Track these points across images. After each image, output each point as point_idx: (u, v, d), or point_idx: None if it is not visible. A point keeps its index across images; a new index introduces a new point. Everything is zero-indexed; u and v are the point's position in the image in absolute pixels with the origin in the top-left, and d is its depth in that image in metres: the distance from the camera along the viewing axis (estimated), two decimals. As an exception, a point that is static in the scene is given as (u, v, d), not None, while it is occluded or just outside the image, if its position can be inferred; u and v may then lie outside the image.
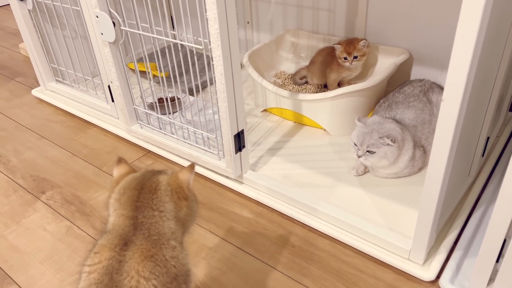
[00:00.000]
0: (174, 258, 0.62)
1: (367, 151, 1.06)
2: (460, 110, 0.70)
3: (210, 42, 0.95)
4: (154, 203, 0.64)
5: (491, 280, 0.82)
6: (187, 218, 0.67)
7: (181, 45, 1.08)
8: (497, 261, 0.79)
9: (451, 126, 0.72)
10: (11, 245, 1.07)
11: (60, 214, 1.15)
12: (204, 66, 1.06)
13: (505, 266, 0.78)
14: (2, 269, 1.01)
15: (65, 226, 1.11)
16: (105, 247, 0.61)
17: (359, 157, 1.08)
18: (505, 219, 0.73)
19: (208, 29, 0.94)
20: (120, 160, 0.72)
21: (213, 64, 0.98)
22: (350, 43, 1.34)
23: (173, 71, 1.21)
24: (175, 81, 1.50)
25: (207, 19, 0.92)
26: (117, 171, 0.71)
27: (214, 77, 1.00)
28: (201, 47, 1.02)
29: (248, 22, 1.73)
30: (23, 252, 1.05)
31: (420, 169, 1.15)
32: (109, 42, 1.18)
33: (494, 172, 1.16)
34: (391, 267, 0.95)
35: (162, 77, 1.23)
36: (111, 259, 0.59)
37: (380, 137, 1.04)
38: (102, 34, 1.18)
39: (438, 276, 0.91)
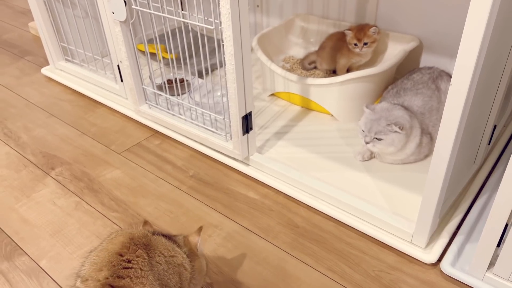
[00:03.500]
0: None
1: (375, 137, 1.07)
2: (468, 93, 0.71)
3: (220, 22, 0.96)
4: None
5: (491, 264, 0.84)
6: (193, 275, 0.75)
7: (191, 27, 1.08)
8: (498, 245, 0.81)
9: (458, 110, 0.72)
10: (22, 218, 1.09)
11: (69, 190, 1.18)
12: (213, 48, 1.07)
13: (506, 251, 0.79)
14: (13, 240, 1.03)
15: (74, 202, 1.14)
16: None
17: (366, 143, 1.09)
18: (507, 203, 0.74)
19: (219, 9, 0.94)
20: (145, 223, 0.79)
21: (223, 44, 0.99)
22: (360, 30, 1.33)
23: (183, 53, 1.22)
24: (185, 63, 1.50)
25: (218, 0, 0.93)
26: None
27: (224, 58, 1.01)
28: (211, 27, 1.03)
29: (258, 6, 1.72)
30: (33, 225, 1.07)
31: (426, 156, 1.16)
32: (120, 21, 1.19)
33: (499, 161, 1.17)
34: (394, 249, 0.96)
35: (171, 59, 1.24)
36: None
37: (388, 124, 1.05)
38: (113, 13, 1.18)
39: (440, 260, 0.92)
